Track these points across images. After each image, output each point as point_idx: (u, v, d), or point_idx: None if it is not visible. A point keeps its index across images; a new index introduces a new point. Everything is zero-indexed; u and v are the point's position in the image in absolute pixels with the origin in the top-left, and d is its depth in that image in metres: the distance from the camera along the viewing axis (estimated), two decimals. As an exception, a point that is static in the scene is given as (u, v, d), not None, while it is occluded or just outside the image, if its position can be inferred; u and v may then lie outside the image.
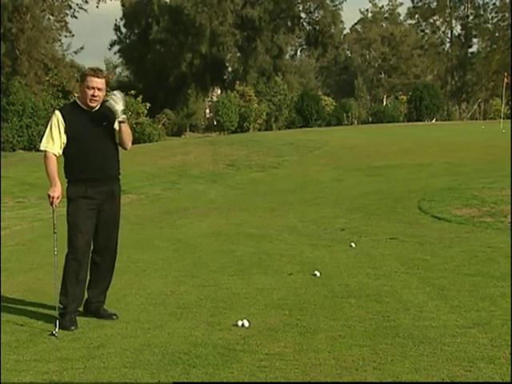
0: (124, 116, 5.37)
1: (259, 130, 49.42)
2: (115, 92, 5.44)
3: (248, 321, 5.17)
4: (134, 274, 7.34)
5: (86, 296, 5.60)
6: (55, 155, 5.34)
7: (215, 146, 29.17)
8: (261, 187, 18.85)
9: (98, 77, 5.28)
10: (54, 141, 5.31)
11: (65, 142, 5.32)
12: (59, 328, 5.12)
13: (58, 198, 5.30)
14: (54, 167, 5.34)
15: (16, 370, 4.30)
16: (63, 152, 5.37)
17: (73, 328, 5.18)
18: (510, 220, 10.31)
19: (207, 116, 73.09)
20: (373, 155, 22.75)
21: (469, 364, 4.17)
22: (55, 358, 4.52)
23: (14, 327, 5.31)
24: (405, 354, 4.37)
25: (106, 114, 5.39)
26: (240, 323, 5.14)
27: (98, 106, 5.39)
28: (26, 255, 9.36)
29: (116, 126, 5.43)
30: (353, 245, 8.81)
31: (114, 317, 5.50)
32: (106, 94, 5.44)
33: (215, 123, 51.15)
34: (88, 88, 5.25)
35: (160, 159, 25.59)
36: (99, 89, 5.28)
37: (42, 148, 5.39)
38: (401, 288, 6.29)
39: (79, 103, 5.39)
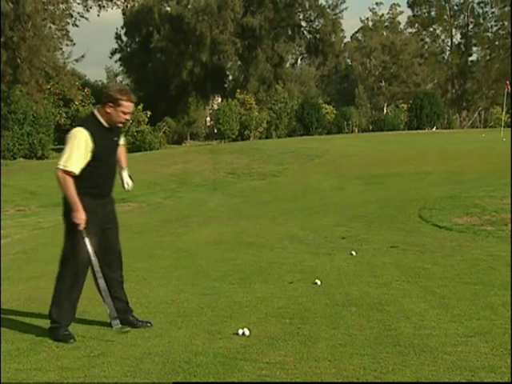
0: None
1: (260, 138, 49.54)
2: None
3: (249, 329, 5.15)
4: (135, 282, 7.33)
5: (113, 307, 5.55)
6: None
7: (216, 154, 29.23)
8: (261, 195, 18.86)
9: (133, 101, 5.31)
10: (79, 162, 5.10)
11: (87, 161, 5.17)
12: (56, 340, 5.11)
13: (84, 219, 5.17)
14: (74, 189, 5.12)
15: (16, 380, 4.29)
16: None
17: (72, 341, 5.11)
18: (510, 228, 10.30)
19: (208, 124, 73.16)
20: (373, 163, 22.78)
21: (470, 373, 4.16)
22: (55, 367, 4.51)
23: (15, 336, 5.30)
24: (406, 363, 4.36)
25: (118, 132, 5.49)
26: (240, 332, 5.13)
27: None
28: (26, 264, 9.36)
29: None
30: (353, 253, 8.81)
31: (149, 324, 5.53)
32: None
33: (216, 131, 51.26)
34: (124, 113, 5.24)
35: (161, 167, 25.64)
36: (131, 113, 5.38)
37: (64, 168, 5.09)
38: (401, 297, 6.28)
39: (101, 121, 5.26)
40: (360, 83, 73.59)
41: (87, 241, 5.17)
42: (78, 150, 5.10)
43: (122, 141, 5.67)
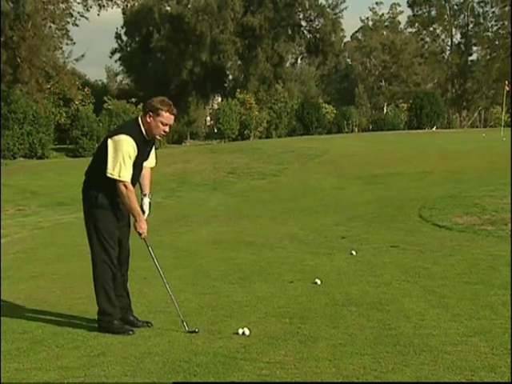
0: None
1: (260, 137, 49.47)
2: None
3: (249, 329, 5.16)
4: (135, 282, 7.32)
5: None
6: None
7: (216, 153, 29.22)
8: (261, 195, 18.86)
9: (173, 114, 5.35)
10: (130, 170, 5.23)
11: None
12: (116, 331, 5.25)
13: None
14: (136, 200, 5.29)
15: (16, 379, 4.28)
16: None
17: (131, 332, 5.26)
18: (510, 228, 10.31)
19: (208, 124, 73.18)
20: (373, 163, 22.78)
21: (470, 373, 4.15)
22: (56, 366, 4.51)
23: (15, 335, 5.30)
24: (406, 363, 4.36)
25: (152, 144, 5.58)
26: (240, 331, 5.14)
27: None
28: (26, 263, 9.37)
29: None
30: (353, 253, 8.81)
31: (149, 324, 5.54)
32: None
33: (216, 131, 51.17)
34: (163, 124, 5.30)
35: (161, 167, 25.50)
36: (171, 125, 5.39)
37: (123, 179, 5.19)
38: (402, 296, 6.29)
39: (142, 130, 5.33)
40: (360, 83, 73.56)
41: (150, 248, 5.45)
42: (130, 159, 5.21)
43: (153, 157, 5.70)
